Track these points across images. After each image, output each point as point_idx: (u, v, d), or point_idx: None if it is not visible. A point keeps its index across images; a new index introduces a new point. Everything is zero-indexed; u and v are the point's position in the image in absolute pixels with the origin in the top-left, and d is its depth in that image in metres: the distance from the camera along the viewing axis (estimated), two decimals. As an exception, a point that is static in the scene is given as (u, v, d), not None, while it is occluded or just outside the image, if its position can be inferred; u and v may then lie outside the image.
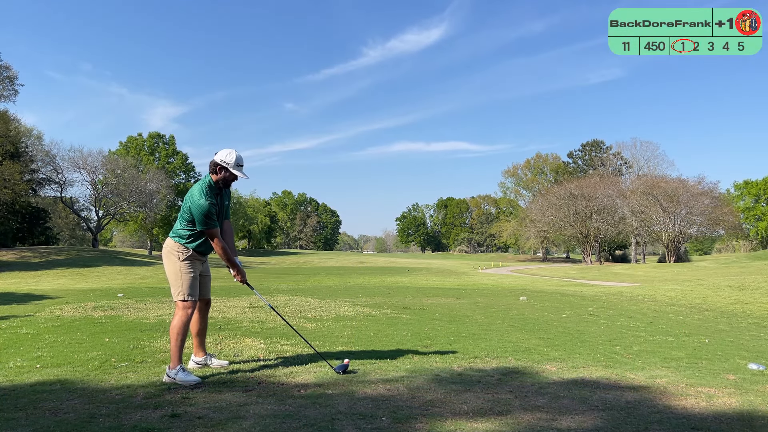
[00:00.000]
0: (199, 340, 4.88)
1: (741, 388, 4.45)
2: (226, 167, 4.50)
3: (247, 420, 3.33)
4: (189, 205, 4.46)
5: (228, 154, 4.51)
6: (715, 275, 27.04)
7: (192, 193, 4.49)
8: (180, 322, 4.46)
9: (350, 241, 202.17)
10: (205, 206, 4.39)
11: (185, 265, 4.52)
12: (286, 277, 29.15)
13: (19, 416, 3.38)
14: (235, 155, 4.50)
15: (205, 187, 4.48)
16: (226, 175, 4.54)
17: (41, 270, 32.22)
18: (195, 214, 4.42)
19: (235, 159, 4.50)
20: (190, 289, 4.52)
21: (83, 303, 10.68)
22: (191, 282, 4.52)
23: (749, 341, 7.73)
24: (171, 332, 4.47)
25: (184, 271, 4.51)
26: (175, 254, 4.53)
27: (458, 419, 3.42)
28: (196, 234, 4.52)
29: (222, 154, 4.53)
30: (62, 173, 58.14)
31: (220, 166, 4.52)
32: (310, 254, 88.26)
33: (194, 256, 4.56)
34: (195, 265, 4.58)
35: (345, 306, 10.50)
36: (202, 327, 4.88)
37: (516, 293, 16.33)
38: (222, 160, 4.51)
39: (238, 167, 4.52)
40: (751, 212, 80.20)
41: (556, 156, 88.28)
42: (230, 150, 4.53)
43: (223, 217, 4.74)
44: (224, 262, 4.63)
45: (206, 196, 4.42)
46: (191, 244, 4.53)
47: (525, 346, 6.29)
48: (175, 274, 4.52)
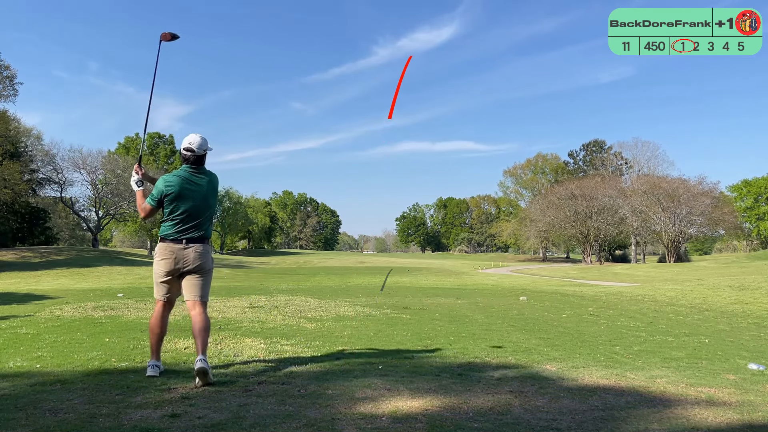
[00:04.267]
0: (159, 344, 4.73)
1: (741, 388, 4.44)
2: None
3: (247, 420, 3.33)
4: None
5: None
6: (715, 275, 27.05)
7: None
8: (152, 318, 4.71)
9: (350, 241, 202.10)
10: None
11: (155, 263, 4.66)
12: (286, 277, 29.16)
13: (19, 416, 3.37)
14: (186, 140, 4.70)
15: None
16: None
17: (41, 270, 32.21)
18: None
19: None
20: (155, 287, 4.68)
21: (83, 303, 10.68)
22: (155, 280, 4.66)
23: (749, 341, 7.73)
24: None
25: (154, 269, 4.68)
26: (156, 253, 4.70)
27: (458, 419, 3.42)
28: (166, 220, 4.59)
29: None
30: (62, 173, 58.18)
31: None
32: (310, 254, 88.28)
33: (164, 246, 4.54)
34: (164, 264, 4.54)
35: (345, 306, 10.50)
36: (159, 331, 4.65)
37: (516, 293, 16.33)
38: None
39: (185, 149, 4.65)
40: (752, 212, 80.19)
41: (556, 156, 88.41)
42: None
43: (196, 201, 4.57)
44: (138, 202, 4.73)
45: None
46: (162, 232, 4.61)
47: (525, 346, 6.29)
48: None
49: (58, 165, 57.38)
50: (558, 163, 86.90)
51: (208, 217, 4.68)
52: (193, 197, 4.54)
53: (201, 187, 4.60)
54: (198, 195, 4.57)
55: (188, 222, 4.53)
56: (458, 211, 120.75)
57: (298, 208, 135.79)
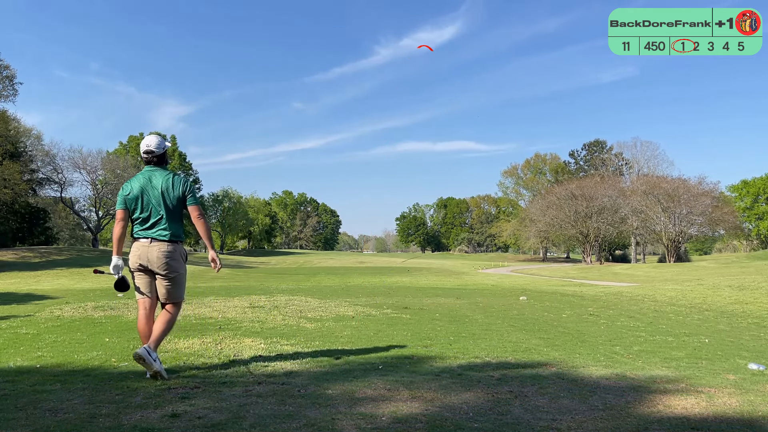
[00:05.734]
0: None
1: (741, 388, 4.44)
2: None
3: (247, 420, 3.33)
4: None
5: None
6: (715, 275, 27.05)
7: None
8: (137, 322, 4.76)
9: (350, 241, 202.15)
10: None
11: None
12: (286, 277, 29.15)
13: (19, 416, 3.37)
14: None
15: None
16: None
17: (41, 270, 32.22)
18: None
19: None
20: (133, 285, 4.75)
21: (83, 303, 10.69)
22: (133, 277, 4.74)
23: (749, 341, 7.74)
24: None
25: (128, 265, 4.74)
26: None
27: (458, 419, 3.42)
28: (133, 221, 4.69)
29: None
30: (62, 173, 58.22)
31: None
32: (310, 254, 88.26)
33: (134, 244, 4.67)
34: (133, 259, 4.63)
35: (345, 306, 10.50)
36: (145, 329, 4.63)
37: (516, 293, 16.33)
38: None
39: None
40: (752, 212, 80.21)
41: (555, 156, 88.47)
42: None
43: (152, 201, 4.62)
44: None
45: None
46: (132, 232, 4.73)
47: (525, 346, 6.29)
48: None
49: (58, 165, 57.47)
50: (557, 164, 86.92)
51: (172, 217, 4.60)
52: (150, 198, 4.61)
53: (156, 188, 4.62)
54: (155, 195, 4.61)
55: (147, 222, 4.60)
56: (458, 211, 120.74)
57: (298, 208, 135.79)
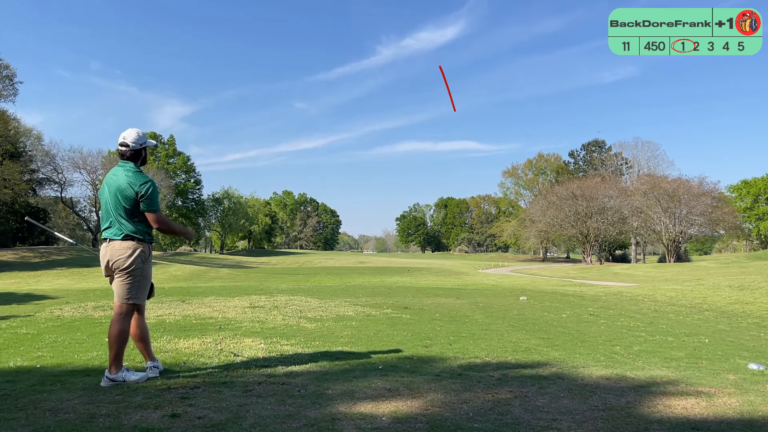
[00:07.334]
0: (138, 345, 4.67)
1: (741, 388, 4.44)
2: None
3: (247, 420, 3.33)
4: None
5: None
6: (715, 275, 27.04)
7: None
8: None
9: (350, 241, 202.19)
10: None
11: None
12: (286, 277, 29.15)
13: (19, 416, 3.37)
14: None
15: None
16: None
17: (41, 270, 32.23)
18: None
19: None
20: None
21: (83, 303, 10.69)
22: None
23: (749, 341, 7.74)
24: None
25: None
26: None
27: (458, 419, 3.42)
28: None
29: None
30: (62, 173, 58.28)
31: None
32: (310, 254, 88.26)
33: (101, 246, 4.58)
34: (101, 262, 4.51)
35: (345, 306, 10.50)
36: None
37: (516, 293, 16.32)
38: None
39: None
40: (752, 212, 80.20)
41: (557, 156, 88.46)
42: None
43: (106, 198, 4.49)
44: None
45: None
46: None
47: (525, 346, 6.29)
48: None
49: (58, 165, 57.52)
50: (559, 164, 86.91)
51: (129, 215, 4.36)
52: (107, 197, 4.46)
53: (113, 186, 4.40)
54: (111, 193, 4.41)
55: (106, 221, 4.46)
56: (458, 211, 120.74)
57: (298, 208, 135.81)
